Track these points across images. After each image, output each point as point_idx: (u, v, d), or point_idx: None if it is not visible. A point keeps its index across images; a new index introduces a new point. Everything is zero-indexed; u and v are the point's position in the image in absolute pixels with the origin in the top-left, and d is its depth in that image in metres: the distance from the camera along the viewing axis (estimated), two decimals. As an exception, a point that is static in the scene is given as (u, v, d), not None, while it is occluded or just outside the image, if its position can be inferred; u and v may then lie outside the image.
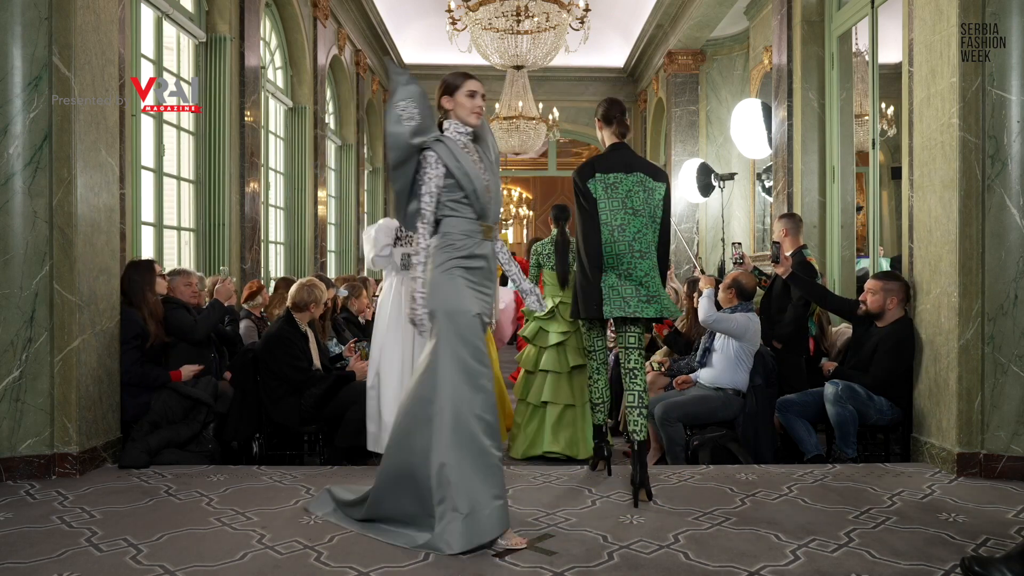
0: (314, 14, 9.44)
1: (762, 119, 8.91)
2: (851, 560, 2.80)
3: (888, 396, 4.34)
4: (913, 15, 4.39)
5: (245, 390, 4.57)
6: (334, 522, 3.18)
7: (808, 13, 6.48)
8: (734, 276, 4.84)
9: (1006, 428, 3.89)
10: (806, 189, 6.50)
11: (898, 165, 9.76)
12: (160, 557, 2.81)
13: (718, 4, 9.86)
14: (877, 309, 4.46)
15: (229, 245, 7.03)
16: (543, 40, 8.77)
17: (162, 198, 6.45)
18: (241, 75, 7.28)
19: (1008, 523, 3.22)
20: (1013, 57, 3.88)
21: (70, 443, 3.89)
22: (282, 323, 4.63)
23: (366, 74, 12.20)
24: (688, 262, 11.07)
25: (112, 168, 4.24)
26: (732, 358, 4.67)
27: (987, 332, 3.92)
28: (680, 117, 11.72)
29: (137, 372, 4.30)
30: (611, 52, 13.56)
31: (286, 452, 4.70)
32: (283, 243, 9.31)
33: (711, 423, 4.62)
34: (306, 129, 9.47)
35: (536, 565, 2.74)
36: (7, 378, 3.83)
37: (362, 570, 2.70)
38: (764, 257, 8.35)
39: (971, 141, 3.92)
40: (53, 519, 3.24)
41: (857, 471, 4.02)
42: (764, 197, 10.08)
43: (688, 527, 3.14)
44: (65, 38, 3.90)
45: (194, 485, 3.75)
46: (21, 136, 3.85)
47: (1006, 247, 3.89)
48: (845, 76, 6.38)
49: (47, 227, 3.89)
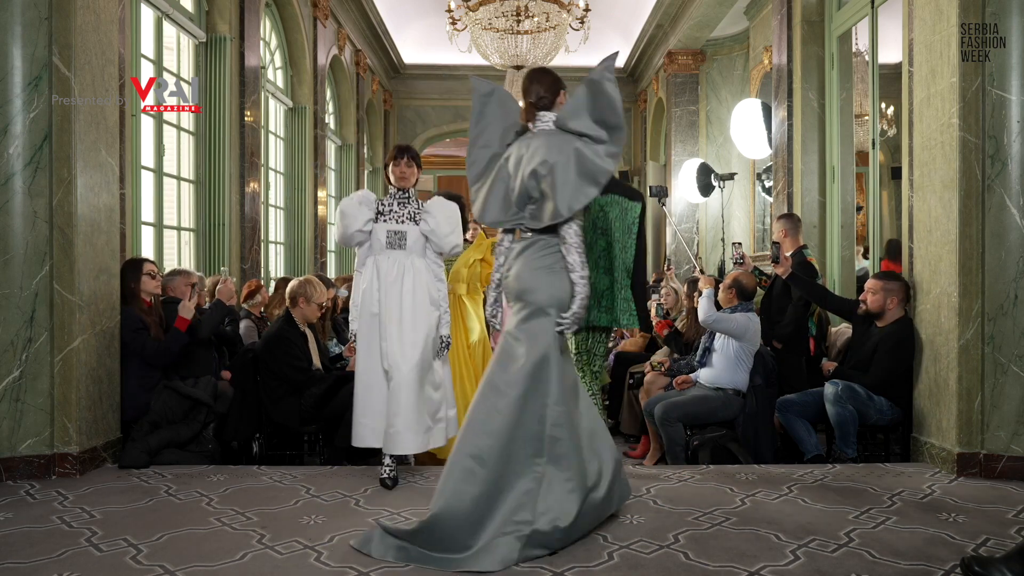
0: (314, 14, 9.44)
1: (762, 119, 8.91)
2: (851, 560, 2.80)
3: (888, 396, 4.34)
4: (913, 15, 4.39)
5: (245, 390, 4.58)
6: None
7: (808, 13, 6.48)
8: (735, 276, 4.85)
9: (1006, 428, 3.89)
10: (806, 189, 6.50)
11: (898, 165, 9.75)
12: (160, 557, 2.81)
13: (718, 4, 9.86)
14: (877, 309, 4.46)
15: (229, 245, 7.03)
16: (543, 40, 8.77)
17: (162, 198, 6.45)
18: (241, 75, 7.28)
19: (1008, 523, 3.22)
20: (1013, 57, 3.88)
21: (70, 443, 3.89)
22: (281, 323, 4.63)
23: (366, 74, 12.20)
24: (688, 262, 11.06)
25: (112, 168, 4.24)
26: (732, 358, 4.67)
27: (987, 332, 3.92)
28: (680, 117, 11.72)
29: (157, 349, 4.31)
30: (611, 52, 13.53)
31: (286, 452, 4.70)
32: (283, 243, 9.31)
33: (711, 423, 4.62)
34: (306, 129, 9.47)
35: (536, 565, 2.74)
36: (7, 378, 3.83)
37: (362, 570, 2.70)
38: (764, 257, 8.35)
39: (971, 141, 3.92)
40: (53, 519, 3.24)
41: (857, 471, 4.02)
42: (764, 197, 10.08)
43: (688, 527, 3.14)
44: (65, 38, 3.90)
45: (194, 485, 3.75)
46: (21, 136, 3.85)
47: (1006, 247, 3.89)
48: (845, 76, 6.38)
49: (47, 227, 3.89)
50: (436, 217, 3.87)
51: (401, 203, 3.91)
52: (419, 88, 14.52)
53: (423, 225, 3.87)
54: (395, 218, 3.88)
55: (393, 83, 14.50)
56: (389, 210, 3.89)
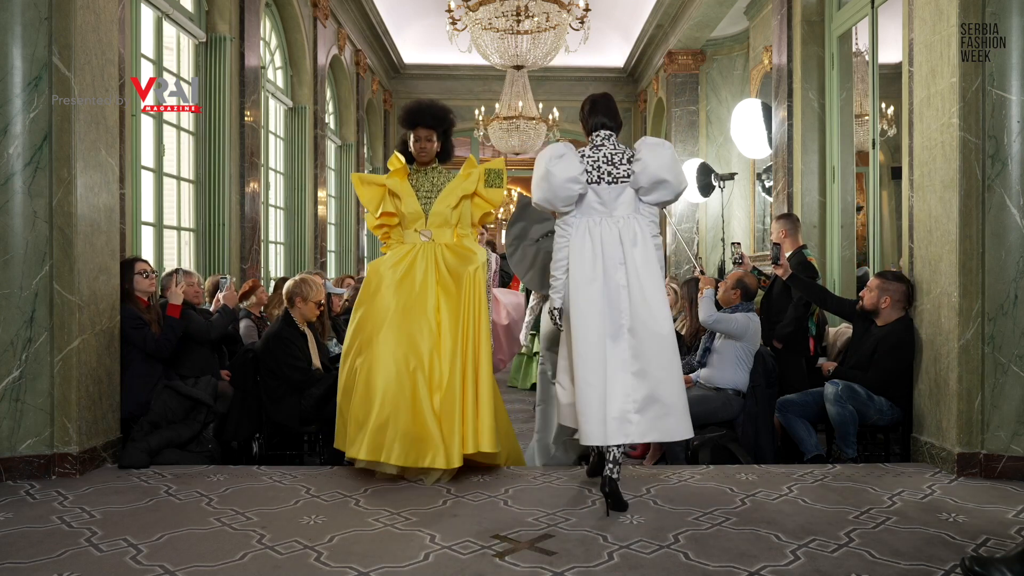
0: (314, 14, 9.44)
1: (762, 119, 8.91)
2: (851, 560, 2.80)
3: (888, 396, 4.34)
4: (913, 15, 4.39)
5: (245, 390, 4.58)
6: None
7: (808, 13, 6.48)
8: (737, 276, 4.84)
9: (1006, 428, 3.89)
10: (806, 189, 6.51)
11: (898, 165, 9.75)
12: (160, 557, 2.81)
13: (718, 4, 9.86)
14: (871, 306, 4.47)
15: (229, 245, 7.03)
16: (543, 40, 8.76)
17: (162, 198, 6.45)
18: (241, 75, 7.28)
19: (1008, 523, 3.22)
20: (1013, 57, 3.88)
21: (70, 443, 3.89)
22: (281, 323, 4.63)
23: (366, 74, 12.20)
24: (688, 262, 11.07)
25: (112, 168, 4.24)
26: (732, 358, 4.67)
27: (987, 332, 3.92)
28: (680, 117, 11.72)
29: (158, 340, 4.32)
30: (611, 52, 13.55)
31: (286, 452, 4.70)
32: (283, 243, 9.31)
33: (711, 423, 4.62)
34: (306, 129, 9.47)
35: (536, 565, 2.75)
36: (7, 378, 3.83)
37: (362, 570, 2.70)
38: (764, 257, 8.35)
39: (971, 141, 3.92)
40: (53, 519, 3.24)
41: (857, 471, 4.02)
42: (764, 197, 10.08)
43: (688, 527, 3.14)
44: (65, 38, 3.90)
45: (194, 485, 3.75)
46: (21, 136, 3.85)
47: (1006, 247, 3.89)
48: (845, 76, 6.38)
49: (47, 227, 3.89)
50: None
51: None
52: (419, 88, 14.51)
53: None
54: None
55: (393, 83, 14.50)
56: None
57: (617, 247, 3.39)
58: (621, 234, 3.40)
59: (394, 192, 4.04)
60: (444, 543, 2.95)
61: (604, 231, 3.42)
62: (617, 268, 3.38)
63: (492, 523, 3.18)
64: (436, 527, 3.13)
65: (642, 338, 3.33)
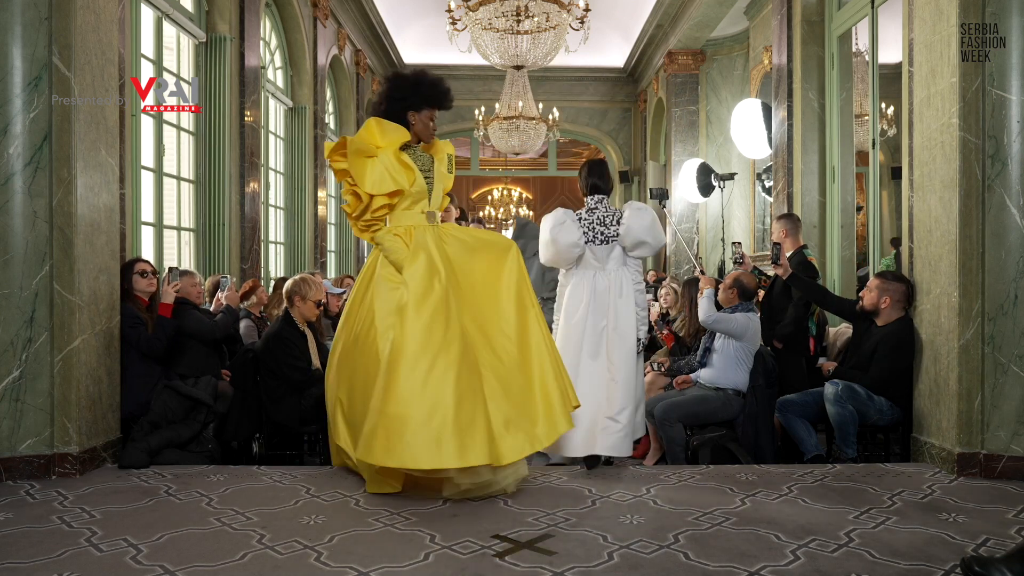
0: (314, 14, 9.44)
1: (762, 119, 8.91)
2: (851, 560, 2.80)
3: (888, 396, 4.34)
4: (913, 15, 4.39)
5: (245, 390, 4.58)
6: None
7: (808, 13, 6.48)
8: (736, 276, 4.85)
9: (1006, 428, 3.89)
10: (806, 189, 6.51)
11: (898, 165, 9.76)
12: (160, 557, 2.81)
13: (718, 4, 9.87)
14: (871, 306, 4.47)
15: (229, 245, 7.03)
16: (543, 40, 8.77)
17: (162, 198, 6.45)
18: (241, 75, 7.28)
19: (1008, 523, 3.22)
20: (1013, 57, 3.88)
21: (70, 443, 3.89)
22: (281, 323, 4.64)
23: (366, 74, 12.20)
24: (688, 262, 11.07)
25: (112, 168, 4.24)
26: (732, 358, 4.67)
27: (987, 332, 3.92)
28: (680, 117, 11.73)
29: (151, 339, 4.32)
30: (611, 52, 13.55)
31: (286, 452, 4.70)
32: (283, 243, 9.31)
33: (711, 423, 4.62)
34: (306, 129, 9.47)
35: (536, 565, 2.75)
36: (7, 378, 3.83)
37: (362, 570, 2.70)
38: (764, 257, 8.35)
39: (971, 141, 3.92)
40: (53, 519, 3.24)
41: (857, 471, 4.02)
42: (764, 197, 10.08)
43: (688, 527, 3.14)
44: (65, 38, 3.90)
45: (194, 485, 3.75)
46: (21, 136, 3.85)
47: (1006, 247, 3.89)
48: (845, 76, 6.38)
49: (47, 227, 3.88)
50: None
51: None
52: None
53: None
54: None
55: (393, 83, 14.47)
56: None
57: (606, 295, 4.07)
58: (610, 286, 4.08)
59: (407, 165, 3.75)
60: (444, 543, 2.95)
61: (598, 283, 4.09)
62: (604, 316, 4.06)
63: (492, 523, 3.18)
64: (436, 527, 3.13)
65: (614, 360, 4.07)
